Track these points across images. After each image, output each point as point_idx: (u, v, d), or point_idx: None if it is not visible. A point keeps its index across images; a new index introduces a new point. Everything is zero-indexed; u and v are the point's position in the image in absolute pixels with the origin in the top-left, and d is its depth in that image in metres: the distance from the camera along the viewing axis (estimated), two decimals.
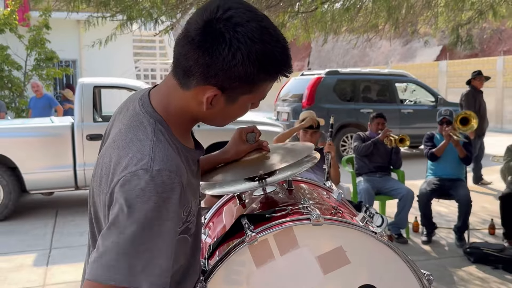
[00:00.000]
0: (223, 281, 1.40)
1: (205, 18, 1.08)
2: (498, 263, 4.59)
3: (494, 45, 21.64)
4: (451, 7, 7.20)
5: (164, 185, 1.06)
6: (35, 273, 4.61)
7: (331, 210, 1.61)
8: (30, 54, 12.56)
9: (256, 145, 1.65)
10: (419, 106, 11.75)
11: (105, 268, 1.03)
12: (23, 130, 6.74)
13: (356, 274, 1.43)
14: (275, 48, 1.11)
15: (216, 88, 1.11)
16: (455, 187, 5.29)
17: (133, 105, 1.24)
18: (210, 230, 1.88)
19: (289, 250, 1.42)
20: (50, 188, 6.62)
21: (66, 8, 6.58)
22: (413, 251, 5.04)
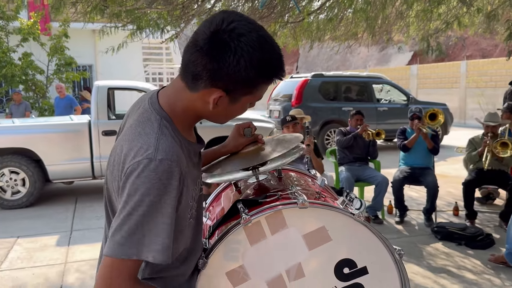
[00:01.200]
0: (222, 257, 1.41)
1: (212, 29, 1.08)
2: (461, 240, 4.63)
3: (458, 51, 21.67)
4: (420, 17, 7.21)
5: (166, 173, 1.07)
6: (57, 252, 4.61)
7: (315, 195, 1.62)
8: (51, 60, 12.47)
9: (253, 139, 1.66)
10: (393, 104, 11.76)
11: (117, 245, 1.06)
12: (46, 127, 6.70)
13: (337, 250, 1.44)
14: (272, 55, 1.12)
15: (221, 90, 1.12)
16: (424, 174, 5.32)
17: (143, 103, 1.24)
18: (210, 213, 1.89)
19: (279, 230, 1.42)
20: (70, 178, 6.60)
21: (82, 19, 6.54)
22: (388, 230, 5.06)
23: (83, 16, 6.30)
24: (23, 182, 6.33)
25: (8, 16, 11.94)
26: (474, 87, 17.00)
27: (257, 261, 1.41)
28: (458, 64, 18.06)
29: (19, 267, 4.25)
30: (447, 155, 9.34)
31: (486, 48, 20.90)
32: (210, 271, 1.38)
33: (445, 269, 4.02)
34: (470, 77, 17.25)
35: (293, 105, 10.30)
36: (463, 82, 17.53)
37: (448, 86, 18.18)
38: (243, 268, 1.40)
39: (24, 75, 11.96)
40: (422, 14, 6.97)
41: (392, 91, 12.30)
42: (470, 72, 17.28)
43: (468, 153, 5.46)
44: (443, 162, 8.86)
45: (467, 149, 5.53)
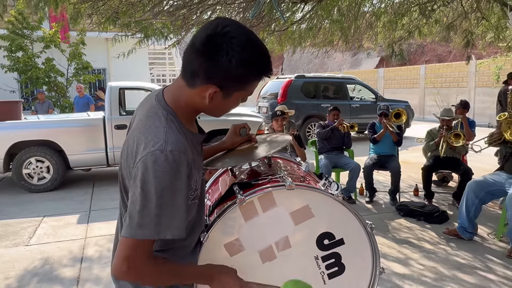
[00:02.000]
0: (220, 232, 1.41)
1: (207, 33, 1.07)
2: (420, 216, 4.67)
3: (418, 56, 21.74)
4: (387, 27, 7.21)
5: (176, 162, 1.06)
6: (78, 229, 4.58)
7: (300, 178, 1.62)
8: (70, 64, 12.33)
9: (247, 138, 1.65)
10: (364, 102, 11.79)
11: (138, 227, 1.05)
12: (66, 122, 6.62)
13: (318, 224, 1.44)
14: (260, 55, 1.11)
15: (216, 86, 1.10)
16: (389, 161, 5.35)
17: (151, 100, 1.22)
18: (210, 195, 1.88)
19: (269, 208, 1.42)
20: (88, 165, 6.54)
21: (97, 28, 6.44)
22: (359, 209, 5.10)
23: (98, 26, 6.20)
24: (47, 169, 6.27)
25: (32, 26, 11.80)
26: (432, 87, 17.11)
27: (251, 235, 1.41)
28: (418, 67, 18.13)
29: (46, 242, 4.22)
30: (409, 145, 9.41)
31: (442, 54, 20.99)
32: (211, 244, 1.38)
33: (407, 241, 4.07)
34: (428, 78, 17.34)
35: (279, 102, 10.28)
36: (422, 83, 17.63)
37: (410, 86, 18.26)
38: (239, 240, 1.40)
39: (47, 77, 11.82)
40: (388, 24, 6.97)
41: (363, 90, 12.33)
42: (428, 74, 17.37)
43: (426, 143, 5.50)
44: (405, 151, 8.92)
45: (425, 140, 5.57)
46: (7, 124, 6.15)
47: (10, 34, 11.49)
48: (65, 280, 3.39)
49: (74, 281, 3.36)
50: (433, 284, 3.20)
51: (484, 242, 4.00)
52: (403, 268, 3.47)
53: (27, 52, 11.67)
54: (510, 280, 3.25)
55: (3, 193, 6.21)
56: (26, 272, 3.54)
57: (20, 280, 3.40)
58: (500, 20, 6.90)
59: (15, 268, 3.61)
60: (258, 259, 1.41)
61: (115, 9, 5.40)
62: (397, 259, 3.65)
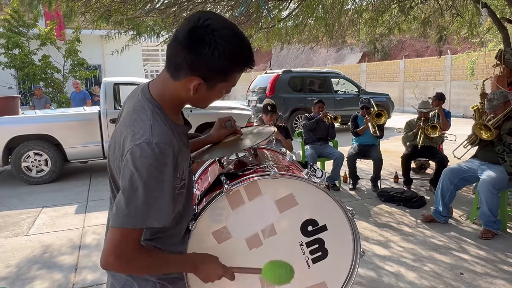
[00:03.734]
0: (208, 220, 1.38)
1: (190, 26, 1.03)
2: (400, 202, 4.72)
3: (398, 51, 21.81)
4: (368, 24, 7.19)
5: (161, 153, 1.04)
6: (76, 219, 4.53)
7: (284, 168, 1.60)
8: (66, 61, 12.11)
9: (232, 130, 1.62)
10: (347, 95, 11.81)
11: (127, 217, 1.03)
12: (64, 116, 6.50)
13: (302, 212, 1.43)
14: (242, 47, 1.08)
15: (200, 78, 1.07)
16: (371, 150, 5.37)
17: (137, 94, 1.19)
18: (199, 185, 1.85)
19: (255, 197, 1.40)
20: (85, 158, 6.45)
21: (91, 26, 6.32)
22: (343, 195, 5.13)
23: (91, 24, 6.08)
24: (46, 162, 6.17)
25: (28, 24, 11.55)
26: (410, 80, 17.21)
27: (238, 223, 1.39)
28: (397, 62, 18.21)
29: (45, 231, 4.16)
30: (389, 135, 9.47)
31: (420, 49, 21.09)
32: (199, 231, 1.36)
33: (387, 225, 4.10)
34: (407, 72, 17.44)
35: (267, 96, 10.25)
36: (401, 76, 17.72)
37: (390, 80, 18.36)
38: (226, 228, 1.38)
39: (43, 73, 11.60)
40: (370, 21, 6.96)
41: (346, 84, 12.35)
42: (407, 68, 17.46)
43: (405, 133, 5.54)
44: (386, 141, 8.98)
45: (404, 130, 5.60)
46: (6, 119, 6.02)
47: (6, 31, 11.23)
48: (64, 267, 3.35)
49: (73, 268, 3.32)
50: (411, 264, 3.23)
51: (458, 225, 4.05)
52: (384, 250, 3.50)
53: (23, 50, 11.43)
54: (482, 260, 3.30)
55: (3, 186, 6.10)
56: (26, 260, 3.49)
57: (20, 268, 3.35)
58: (473, 16, 6.93)
59: (15, 257, 3.55)
60: (245, 246, 1.39)
61: (108, 7, 5.29)
62: (378, 241, 3.68)
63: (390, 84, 18.16)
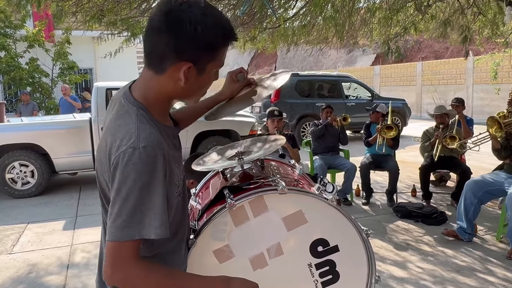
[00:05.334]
0: (209, 237, 1.39)
1: (163, 10, 1.05)
2: (418, 218, 4.68)
3: (415, 53, 21.87)
4: (382, 24, 7.23)
5: (150, 157, 1.04)
6: (64, 236, 4.53)
7: (293, 182, 1.61)
8: (55, 64, 12.24)
9: (246, 82, 1.54)
10: (360, 100, 11.81)
11: (119, 229, 1.03)
12: (51, 124, 6.55)
13: (312, 230, 1.43)
14: (222, 19, 1.10)
15: (188, 62, 1.08)
16: (386, 161, 5.36)
17: (119, 99, 1.19)
18: (200, 198, 1.86)
19: (260, 213, 1.41)
20: (74, 169, 6.47)
21: (82, 27, 6.39)
22: (356, 211, 5.10)
23: (83, 24, 6.15)
24: (32, 173, 6.19)
25: (15, 25, 11.69)
26: (429, 84, 17.22)
27: (241, 241, 1.40)
28: (414, 64, 18.26)
29: (30, 249, 4.17)
30: (406, 144, 9.45)
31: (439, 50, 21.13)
32: (199, 250, 1.36)
33: (405, 243, 4.07)
34: (425, 75, 17.46)
35: (272, 102, 10.27)
36: (419, 80, 17.74)
37: (406, 83, 18.38)
38: (228, 247, 1.39)
39: (31, 78, 11.72)
40: (383, 20, 6.99)
41: (359, 88, 12.37)
42: (425, 71, 17.49)
43: (421, 144, 5.52)
44: (402, 150, 8.94)
45: (421, 140, 5.58)
46: None
47: None
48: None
49: None
50: (432, 287, 3.20)
51: (484, 243, 4.01)
52: (401, 271, 3.47)
53: (10, 52, 11.57)
54: (511, 282, 3.26)
55: None
56: (10, 281, 3.49)
57: None
58: (496, 15, 6.95)
59: None
60: (249, 267, 1.39)
61: (100, 7, 5.35)
62: (395, 262, 3.65)
63: (407, 88, 18.18)
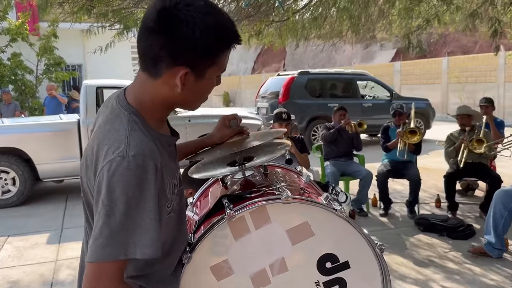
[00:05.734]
0: (206, 252, 1.40)
1: (158, 8, 1.05)
2: (443, 231, 4.66)
3: (439, 47, 21.83)
4: (402, 15, 7.23)
5: (140, 168, 1.04)
6: (48, 250, 4.56)
7: (299, 191, 1.61)
8: (40, 60, 12.34)
9: (238, 130, 1.63)
10: (377, 100, 11.80)
11: (101, 248, 1.01)
12: (35, 126, 6.61)
13: (320, 244, 1.43)
14: (224, 19, 1.10)
15: (185, 67, 1.08)
16: (407, 168, 5.34)
17: (111, 102, 1.20)
18: (198, 208, 1.87)
19: (262, 225, 1.41)
20: (60, 176, 6.52)
21: (70, 19, 6.45)
22: (372, 223, 5.09)
23: (71, 16, 6.21)
24: (13, 181, 6.25)
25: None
26: (455, 82, 17.16)
27: (241, 256, 1.40)
28: (439, 60, 18.20)
29: (10, 265, 4.19)
30: (429, 148, 9.39)
31: (467, 45, 21.08)
32: (195, 266, 1.37)
33: (428, 260, 4.05)
34: (451, 73, 17.40)
35: (280, 102, 10.30)
36: (444, 77, 17.68)
37: (430, 82, 18.32)
38: (227, 262, 1.39)
39: (13, 75, 11.83)
40: (404, 12, 6.99)
41: (376, 87, 12.35)
42: (451, 68, 17.43)
43: (445, 149, 5.50)
44: (425, 156, 8.90)
45: (445, 145, 5.56)
46: None
47: None
48: None
49: None
50: None
51: None
52: None
53: None
54: None
55: None
56: None
57: None
58: None
59: None
60: (250, 285, 1.40)
61: None
62: (416, 281, 3.63)
63: (430, 87, 18.12)
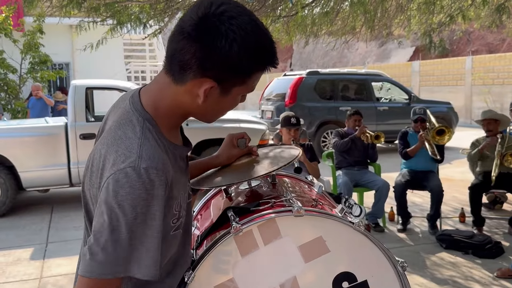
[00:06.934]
0: (210, 270, 1.39)
1: (199, 14, 1.07)
2: (468, 249, 4.64)
3: (463, 46, 21.86)
4: (422, 10, 7.25)
5: (151, 182, 1.05)
6: (32, 266, 4.56)
7: (311, 202, 1.61)
8: (25, 57, 12.40)
9: (247, 150, 1.65)
10: (394, 103, 11.82)
11: (101, 264, 1.03)
12: (19, 130, 6.63)
13: (336, 262, 1.43)
14: (265, 40, 1.11)
15: (212, 80, 1.10)
16: (427, 178, 5.33)
17: (124, 103, 1.22)
18: (199, 222, 1.87)
19: (272, 240, 1.41)
20: (46, 186, 6.53)
21: (58, 13, 6.52)
22: (389, 239, 5.07)
23: (59, 10, 6.27)
24: None
25: None
26: (481, 84, 17.15)
27: (249, 274, 1.40)
28: (463, 59, 18.20)
29: None
30: (452, 157, 9.38)
31: (493, 43, 21.10)
32: (197, 285, 1.37)
33: (451, 280, 4.03)
34: (476, 73, 17.39)
35: (286, 105, 10.33)
36: (468, 79, 17.67)
37: (453, 83, 18.32)
38: (233, 281, 1.39)
39: None
40: (424, 6, 7.02)
41: (393, 89, 12.37)
42: (476, 68, 17.42)
43: (468, 154, 5.48)
44: (448, 165, 8.90)
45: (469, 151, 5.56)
46: None
47: None
48: None
49: None
50: None
51: None
52: None
53: None
54: None
55: None
56: None
57: None
58: None
59: None
60: None
61: None
62: None
63: (453, 89, 18.12)
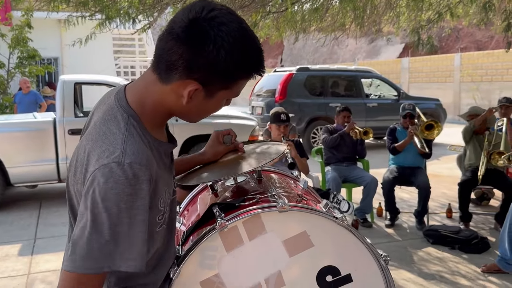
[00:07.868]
0: (195, 265, 1.40)
1: (190, 17, 1.08)
2: (455, 244, 4.67)
3: (452, 43, 21.98)
4: (411, 7, 7.28)
5: (136, 178, 1.06)
6: (20, 262, 4.53)
7: (296, 198, 1.62)
8: (12, 52, 12.27)
9: (233, 147, 1.67)
10: (383, 100, 11.85)
11: (84, 259, 1.04)
12: (6, 125, 6.58)
13: (320, 256, 1.45)
14: (253, 48, 1.13)
15: (197, 83, 1.11)
16: (415, 174, 5.37)
17: (110, 99, 1.22)
18: (185, 218, 1.88)
19: (257, 235, 1.42)
20: (34, 181, 6.50)
21: (46, 7, 6.46)
22: (377, 234, 5.11)
23: (47, 4, 6.21)
24: None
25: None
26: (469, 81, 17.27)
27: (234, 269, 1.41)
28: (452, 56, 18.32)
29: None
30: (440, 153, 9.45)
31: (481, 40, 21.25)
32: (183, 280, 1.38)
33: (438, 275, 4.07)
34: (464, 70, 17.52)
35: (276, 101, 10.33)
36: (457, 75, 17.80)
37: (442, 80, 18.43)
38: (219, 277, 1.40)
39: None
40: (413, 3, 7.04)
41: (382, 85, 12.41)
42: (464, 65, 17.54)
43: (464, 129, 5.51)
44: (435, 161, 8.96)
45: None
46: None
47: None
48: None
49: None
50: None
51: None
52: None
53: None
54: None
55: None
56: None
57: None
58: None
59: None
60: None
61: None
62: None
63: (442, 86, 18.24)
